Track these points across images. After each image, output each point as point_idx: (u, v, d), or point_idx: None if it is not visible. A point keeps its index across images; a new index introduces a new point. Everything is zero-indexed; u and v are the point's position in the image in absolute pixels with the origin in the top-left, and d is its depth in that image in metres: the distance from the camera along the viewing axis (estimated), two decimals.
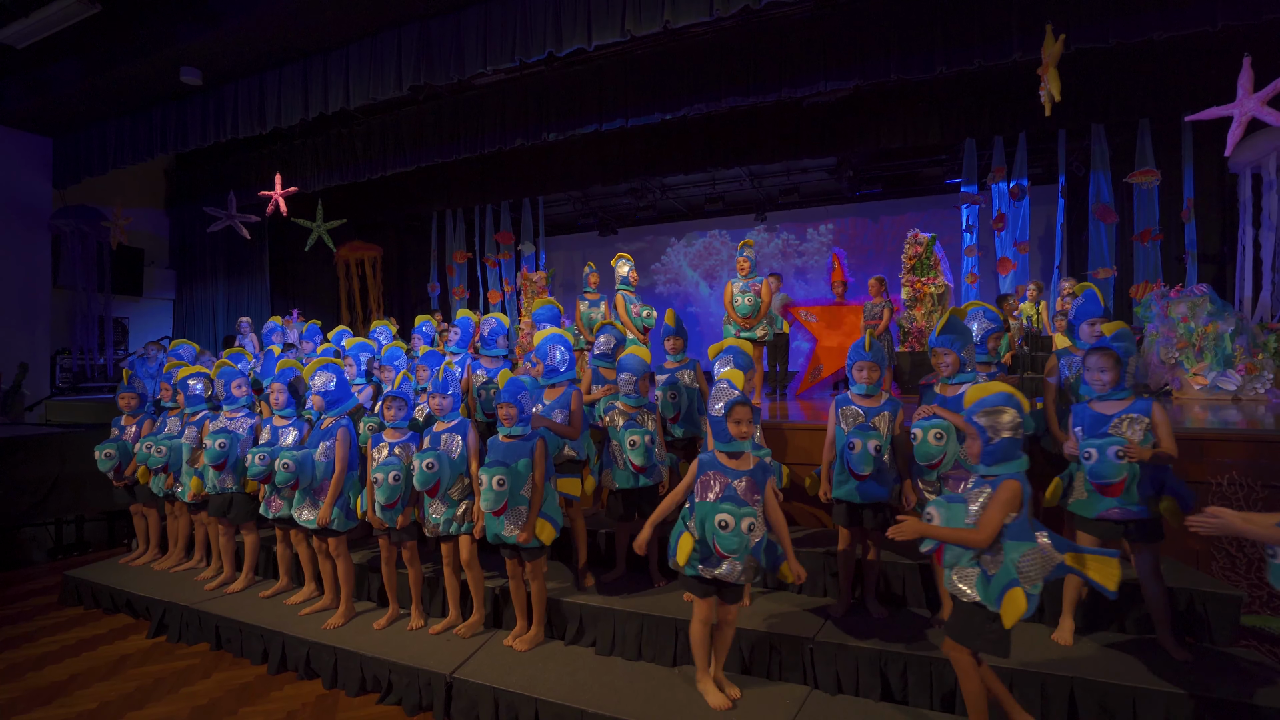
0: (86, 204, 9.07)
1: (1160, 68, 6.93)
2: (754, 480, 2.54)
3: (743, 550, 2.41)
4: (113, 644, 3.86)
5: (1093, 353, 2.72)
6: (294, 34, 6.48)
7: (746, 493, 2.51)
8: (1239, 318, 5.54)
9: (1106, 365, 2.66)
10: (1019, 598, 2.02)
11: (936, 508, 2.25)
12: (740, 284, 5.05)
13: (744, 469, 2.55)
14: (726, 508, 2.41)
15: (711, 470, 2.56)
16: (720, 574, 2.50)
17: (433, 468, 3.13)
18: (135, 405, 4.69)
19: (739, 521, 2.39)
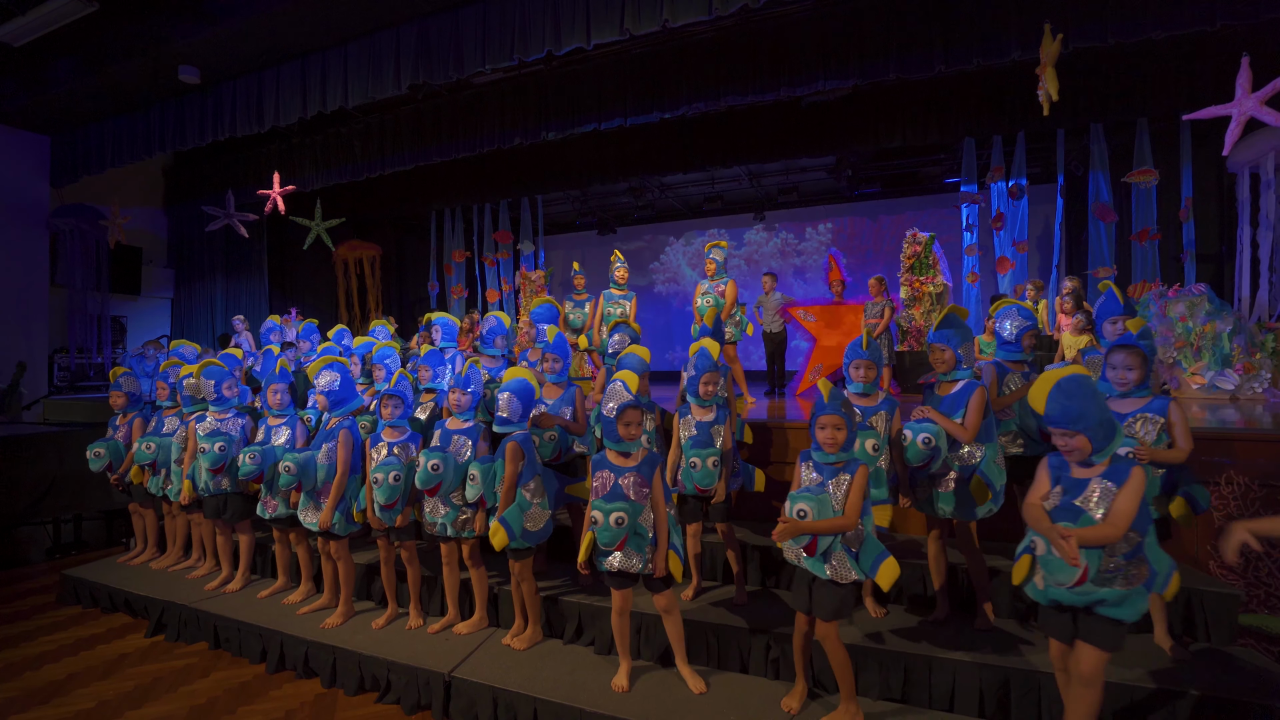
0: (84, 203, 9.06)
1: (1159, 67, 6.93)
2: (641, 475, 2.65)
3: (618, 541, 2.54)
4: (111, 643, 3.86)
5: (1118, 350, 2.63)
6: (292, 33, 6.47)
7: (633, 488, 2.62)
8: (1237, 317, 5.55)
9: (1134, 363, 2.60)
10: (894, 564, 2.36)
11: (807, 503, 2.28)
12: (705, 285, 5.17)
13: (630, 465, 2.67)
14: (598, 504, 2.57)
15: (602, 468, 2.70)
16: (624, 567, 2.65)
17: (437, 469, 3.11)
18: (124, 404, 4.67)
19: (607, 516, 2.52)
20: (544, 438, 3.48)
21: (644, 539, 2.63)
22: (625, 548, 2.62)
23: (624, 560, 2.64)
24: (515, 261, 12.67)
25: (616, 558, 2.64)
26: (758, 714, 2.58)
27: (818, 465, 2.48)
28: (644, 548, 2.64)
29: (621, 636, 2.83)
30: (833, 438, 2.40)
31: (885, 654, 2.73)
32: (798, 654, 2.59)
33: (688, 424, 3.18)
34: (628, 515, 2.53)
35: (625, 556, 2.64)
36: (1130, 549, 2.01)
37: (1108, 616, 2.02)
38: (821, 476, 2.44)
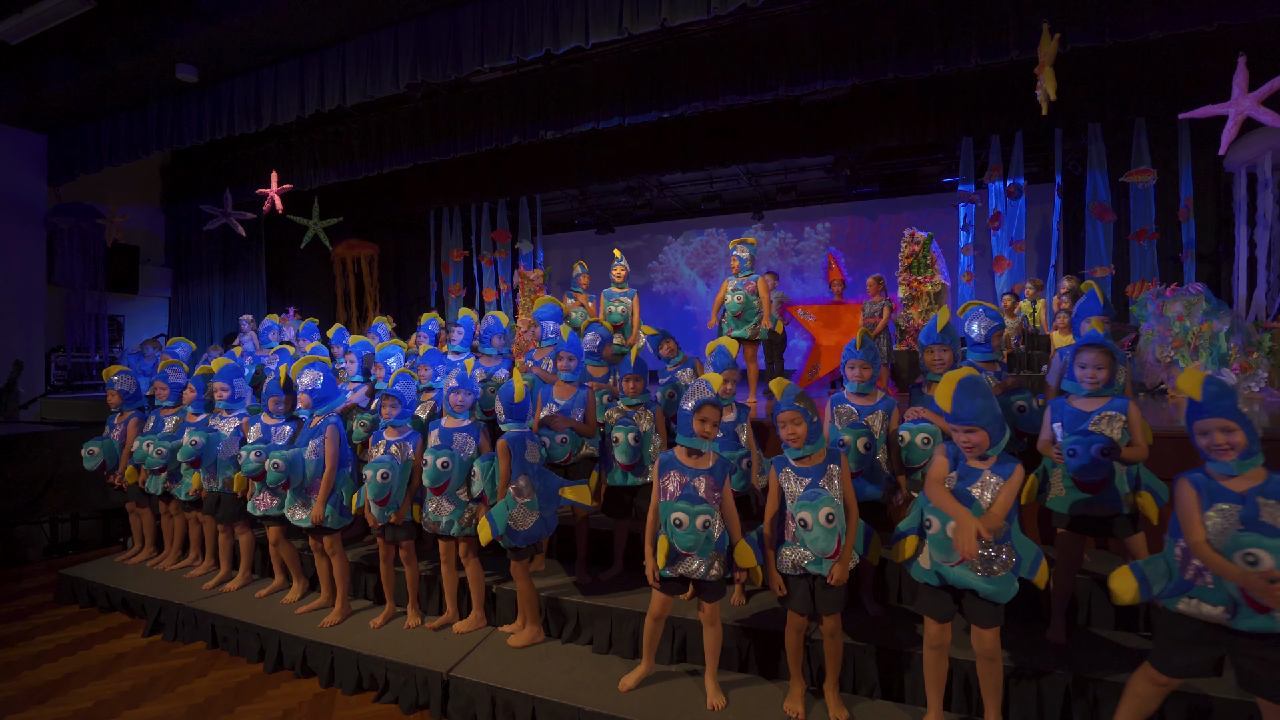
0: (82, 201, 9.04)
1: (1157, 67, 6.94)
2: (713, 478, 2.58)
3: (700, 546, 2.47)
4: (108, 643, 3.85)
5: (1086, 349, 2.65)
6: (291, 31, 6.45)
7: (707, 491, 2.56)
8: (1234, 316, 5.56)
9: (1103, 362, 2.61)
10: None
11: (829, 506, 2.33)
12: (733, 282, 5.14)
13: (703, 467, 2.59)
14: (681, 505, 2.46)
15: (672, 469, 2.61)
16: (685, 571, 2.56)
17: (447, 466, 3.14)
18: (119, 403, 4.66)
19: (694, 519, 2.43)
20: (555, 439, 3.47)
21: (711, 543, 2.54)
22: (696, 552, 2.54)
23: (687, 564, 2.56)
24: (514, 261, 12.66)
25: (682, 562, 2.56)
26: (756, 714, 2.58)
27: (799, 470, 2.48)
28: (709, 553, 2.55)
29: (653, 640, 2.78)
30: (794, 433, 2.45)
31: (882, 652, 2.74)
32: (793, 654, 2.60)
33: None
34: (712, 518, 2.47)
35: (689, 561, 2.55)
36: (1001, 536, 2.19)
37: (987, 600, 2.21)
38: (809, 478, 2.45)
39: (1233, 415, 1.93)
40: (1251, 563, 1.77)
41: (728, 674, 2.92)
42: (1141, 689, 2.12)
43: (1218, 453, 1.94)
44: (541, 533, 3.12)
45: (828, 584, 2.42)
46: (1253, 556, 1.77)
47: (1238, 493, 1.91)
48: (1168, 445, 3.02)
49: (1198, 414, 1.98)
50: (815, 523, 2.28)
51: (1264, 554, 1.76)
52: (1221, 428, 1.93)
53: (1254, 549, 1.77)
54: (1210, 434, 1.95)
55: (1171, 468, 2.73)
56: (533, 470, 3.11)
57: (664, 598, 2.68)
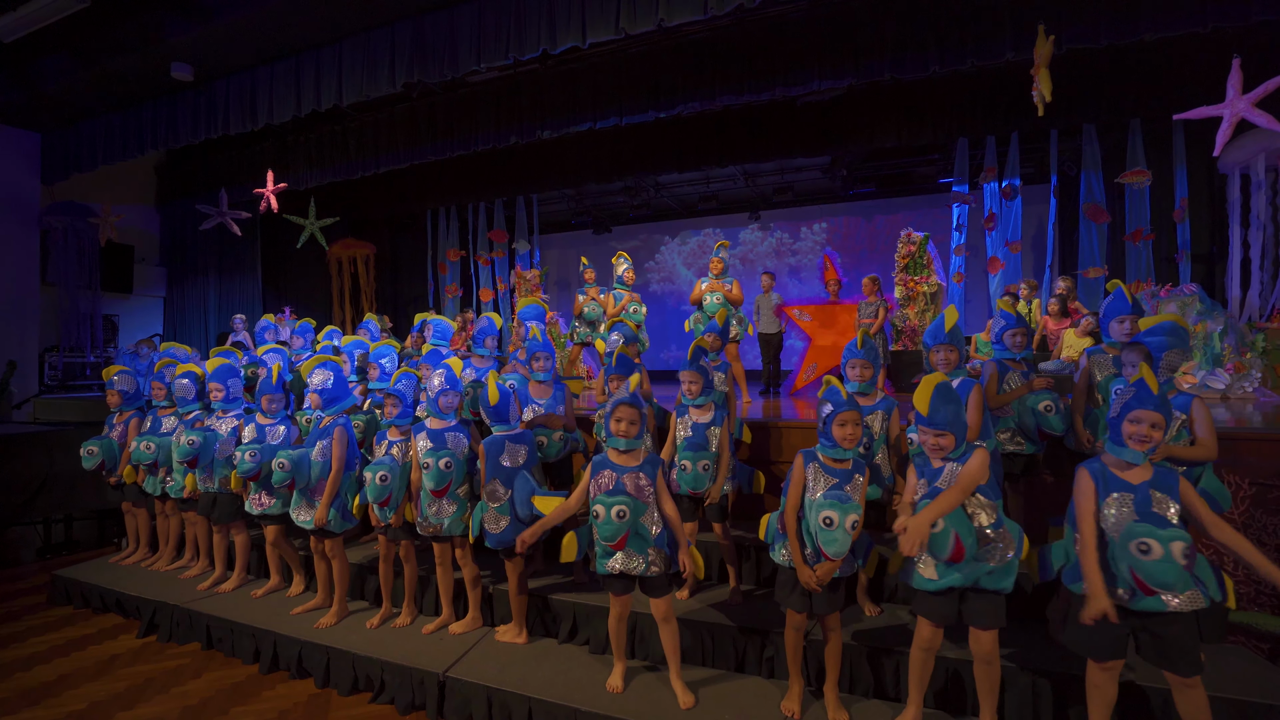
0: (76, 200, 8.99)
1: (1151, 69, 6.97)
2: (643, 474, 2.63)
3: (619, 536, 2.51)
4: (102, 644, 3.83)
5: (1126, 348, 2.69)
6: (286, 30, 6.43)
7: (635, 487, 2.60)
8: (1228, 317, 5.59)
9: (1134, 360, 2.62)
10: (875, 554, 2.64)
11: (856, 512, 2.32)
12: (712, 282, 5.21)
13: (632, 465, 2.64)
14: (600, 498, 2.54)
15: (605, 469, 2.66)
16: (625, 569, 2.61)
17: (449, 466, 3.15)
18: (119, 403, 4.65)
19: (609, 510, 2.49)
20: (553, 438, 3.48)
21: (645, 540, 2.59)
22: (627, 548, 2.58)
23: (625, 561, 2.60)
24: (511, 260, 12.65)
25: (618, 559, 2.60)
26: (754, 714, 2.58)
27: (827, 468, 2.48)
28: (645, 549, 2.60)
29: (618, 641, 2.82)
30: (854, 434, 2.45)
31: (879, 652, 2.74)
32: (792, 653, 2.60)
33: (684, 424, 3.19)
34: (629, 509, 2.50)
35: (627, 557, 2.60)
36: (995, 519, 2.26)
37: (990, 590, 2.23)
38: (836, 480, 2.45)
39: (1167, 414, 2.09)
40: (1144, 551, 1.93)
41: (723, 673, 2.92)
42: (1093, 678, 2.20)
43: (1136, 443, 2.07)
44: (516, 536, 3.09)
45: (813, 590, 2.43)
46: (1145, 545, 1.93)
47: (1131, 483, 2.09)
48: None
49: (1141, 404, 2.08)
50: (840, 524, 2.29)
51: (1154, 543, 1.92)
52: (1154, 422, 2.06)
53: (1146, 539, 1.93)
54: (1142, 424, 2.07)
55: None
56: (506, 474, 3.12)
57: (616, 599, 2.72)
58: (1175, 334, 2.70)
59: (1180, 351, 2.65)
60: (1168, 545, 1.90)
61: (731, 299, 5.23)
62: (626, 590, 2.70)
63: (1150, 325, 2.76)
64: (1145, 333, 2.74)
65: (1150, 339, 2.69)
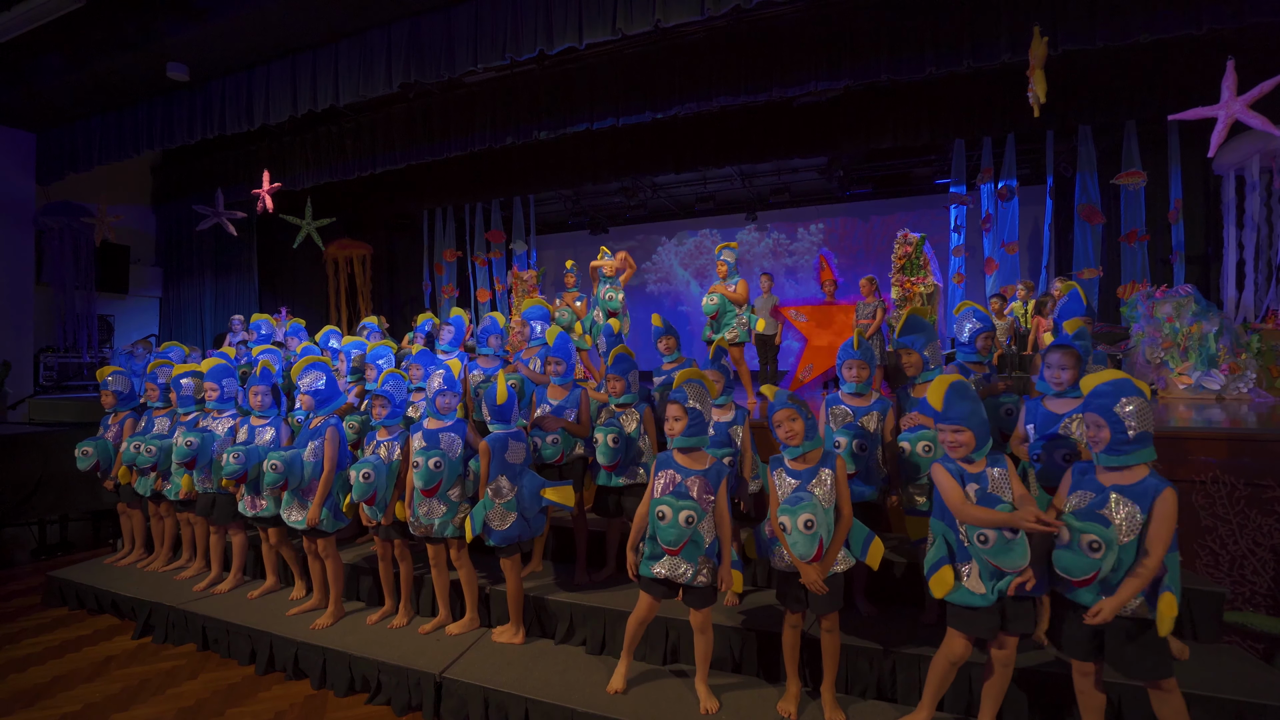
0: (71, 200, 8.96)
1: (1147, 70, 7.00)
2: (706, 480, 2.56)
3: (683, 544, 2.43)
4: (97, 645, 3.82)
5: (1053, 350, 2.67)
6: (282, 30, 6.42)
7: (699, 492, 2.52)
8: (1223, 318, 5.61)
9: (1067, 363, 2.60)
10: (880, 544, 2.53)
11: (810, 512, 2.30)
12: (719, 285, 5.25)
13: (697, 469, 2.57)
14: (667, 499, 2.45)
15: (668, 468, 2.60)
16: (671, 574, 2.52)
17: (439, 466, 3.14)
18: (113, 404, 4.63)
19: (676, 514, 2.41)
20: (546, 440, 3.47)
21: (699, 548, 2.51)
22: (681, 554, 2.49)
23: (672, 567, 2.53)
24: (508, 261, 12.64)
25: (666, 564, 2.52)
26: (751, 715, 2.58)
27: (791, 471, 2.49)
28: (697, 557, 2.51)
29: (633, 641, 2.77)
30: (790, 429, 2.45)
31: (877, 652, 2.75)
32: (790, 653, 2.60)
33: None
34: (696, 515, 2.44)
35: (674, 563, 2.52)
36: None
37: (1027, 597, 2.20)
38: (799, 480, 2.45)
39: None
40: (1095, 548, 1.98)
41: (721, 674, 2.92)
42: (1076, 683, 2.23)
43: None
44: (521, 533, 3.12)
45: (810, 589, 2.42)
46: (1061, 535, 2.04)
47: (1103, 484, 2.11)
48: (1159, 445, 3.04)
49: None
50: (794, 528, 2.28)
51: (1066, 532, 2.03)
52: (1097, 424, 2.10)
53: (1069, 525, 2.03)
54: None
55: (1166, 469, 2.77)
56: (513, 471, 3.12)
57: (649, 600, 2.64)
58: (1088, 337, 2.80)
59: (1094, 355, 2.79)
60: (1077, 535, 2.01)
61: (734, 299, 5.22)
62: (666, 595, 2.62)
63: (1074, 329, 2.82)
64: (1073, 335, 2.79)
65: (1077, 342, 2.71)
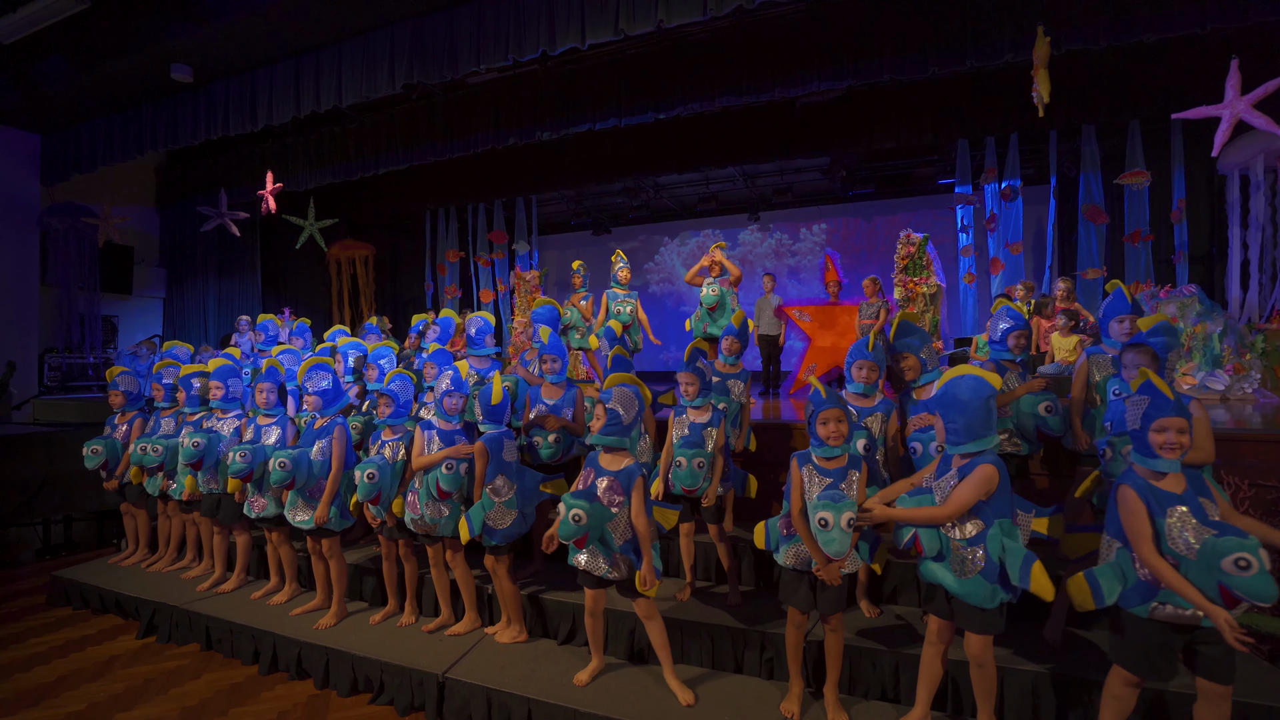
0: (76, 201, 8.99)
1: (1150, 70, 6.98)
2: (618, 481, 2.63)
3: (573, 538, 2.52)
4: (101, 645, 3.83)
5: (1129, 349, 2.64)
6: (286, 31, 6.44)
7: (606, 492, 2.61)
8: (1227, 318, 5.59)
9: (1144, 361, 2.57)
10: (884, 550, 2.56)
11: (851, 509, 2.31)
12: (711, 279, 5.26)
13: (612, 469, 2.67)
14: (565, 497, 2.57)
15: (589, 466, 2.72)
16: (582, 564, 2.67)
17: (466, 471, 3.19)
18: (122, 403, 4.65)
19: (569, 511, 2.52)
20: (547, 439, 3.48)
21: (609, 546, 2.62)
22: (591, 549, 2.63)
23: (590, 561, 2.66)
24: (510, 261, 12.65)
25: (583, 557, 2.65)
26: (753, 715, 2.58)
27: (821, 469, 2.49)
28: (609, 555, 2.63)
29: (595, 634, 2.88)
30: (838, 430, 2.47)
31: (879, 653, 2.74)
32: (793, 653, 2.60)
33: (681, 424, 3.19)
34: (586, 515, 2.51)
35: (591, 558, 2.65)
36: (972, 536, 2.21)
37: (962, 600, 2.23)
38: (830, 479, 2.46)
39: (1188, 416, 2.01)
40: (1244, 567, 1.77)
41: (724, 674, 2.92)
42: (1119, 691, 2.13)
43: (1168, 450, 1.99)
44: (520, 530, 3.18)
45: (827, 583, 2.42)
46: (1245, 561, 1.77)
47: (1178, 494, 1.98)
48: None
49: (1162, 411, 2.01)
50: (836, 524, 2.28)
51: (1253, 558, 1.76)
52: (1180, 428, 1.99)
53: (1244, 554, 1.77)
54: (1169, 431, 1.99)
55: None
56: (511, 469, 3.15)
57: (589, 592, 2.79)
58: (1173, 334, 2.69)
59: (1177, 351, 2.64)
60: (1259, 556, 1.77)
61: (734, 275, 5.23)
62: (596, 586, 2.76)
63: (1150, 325, 2.74)
64: (1148, 333, 2.70)
65: (1154, 339, 2.64)
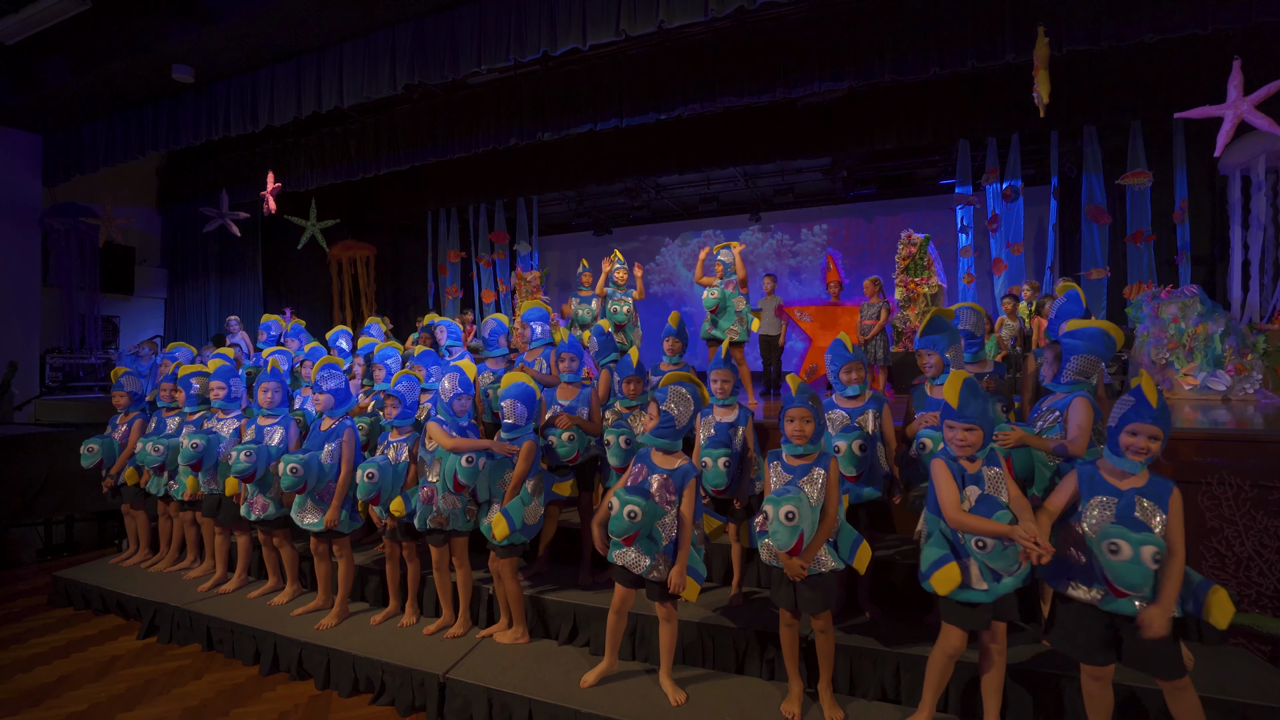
0: (77, 201, 9.01)
1: (1152, 70, 6.98)
2: (671, 479, 2.62)
3: (625, 535, 2.49)
4: (103, 645, 3.83)
5: (1047, 345, 2.77)
6: (287, 32, 6.44)
7: (659, 490, 2.60)
8: (1229, 318, 5.58)
9: (1048, 358, 2.71)
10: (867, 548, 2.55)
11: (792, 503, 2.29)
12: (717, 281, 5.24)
13: (666, 467, 2.65)
14: (619, 492, 2.53)
15: (641, 462, 2.69)
16: (627, 564, 2.62)
17: (482, 467, 3.17)
18: (126, 404, 4.66)
19: (623, 507, 2.47)
20: (562, 438, 3.47)
21: (656, 544, 2.59)
22: (635, 545, 2.59)
23: (632, 558, 2.61)
24: (511, 262, 12.65)
25: (628, 553, 2.61)
26: (754, 715, 2.58)
27: (786, 465, 2.52)
28: (654, 552, 2.59)
29: (614, 635, 2.83)
30: (801, 430, 2.48)
31: (879, 653, 2.74)
32: (788, 652, 2.60)
33: (708, 424, 3.17)
34: (641, 511, 2.48)
35: (634, 554, 2.61)
36: None
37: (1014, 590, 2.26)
38: (791, 475, 2.48)
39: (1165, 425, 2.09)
40: (1113, 551, 1.96)
41: (724, 674, 2.92)
42: (1086, 687, 2.21)
43: (1134, 454, 2.10)
44: (538, 529, 3.23)
45: (803, 582, 2.43)
46: (1114, 545, 1.96)
47: (1119, 489, 2.12)
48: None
49: (1140, 417, 2.09)
50: (775, 517, 2.29)
51: (1124, 544, 1.94)
52: (1152, 435, 2.08)
53: (1117, 539, 1.96)
54: (1140, 436, 2.09)
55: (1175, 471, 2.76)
56: (538, 469, 3.21)
57: (621, 590, 2.74)
58: (1095, 341, 2.59)
59: (1092, 359, 2.58)
60: (1137, 548, 1.93)
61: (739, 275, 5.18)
62: (632, 585, 2.70)
63: (1076, 328, 2.66)
64: (1068, 333, 2.67)
65: (1066, 340, 2.63)
